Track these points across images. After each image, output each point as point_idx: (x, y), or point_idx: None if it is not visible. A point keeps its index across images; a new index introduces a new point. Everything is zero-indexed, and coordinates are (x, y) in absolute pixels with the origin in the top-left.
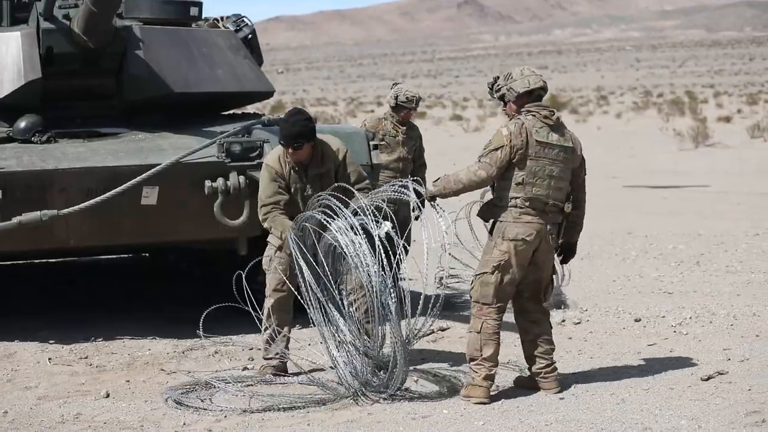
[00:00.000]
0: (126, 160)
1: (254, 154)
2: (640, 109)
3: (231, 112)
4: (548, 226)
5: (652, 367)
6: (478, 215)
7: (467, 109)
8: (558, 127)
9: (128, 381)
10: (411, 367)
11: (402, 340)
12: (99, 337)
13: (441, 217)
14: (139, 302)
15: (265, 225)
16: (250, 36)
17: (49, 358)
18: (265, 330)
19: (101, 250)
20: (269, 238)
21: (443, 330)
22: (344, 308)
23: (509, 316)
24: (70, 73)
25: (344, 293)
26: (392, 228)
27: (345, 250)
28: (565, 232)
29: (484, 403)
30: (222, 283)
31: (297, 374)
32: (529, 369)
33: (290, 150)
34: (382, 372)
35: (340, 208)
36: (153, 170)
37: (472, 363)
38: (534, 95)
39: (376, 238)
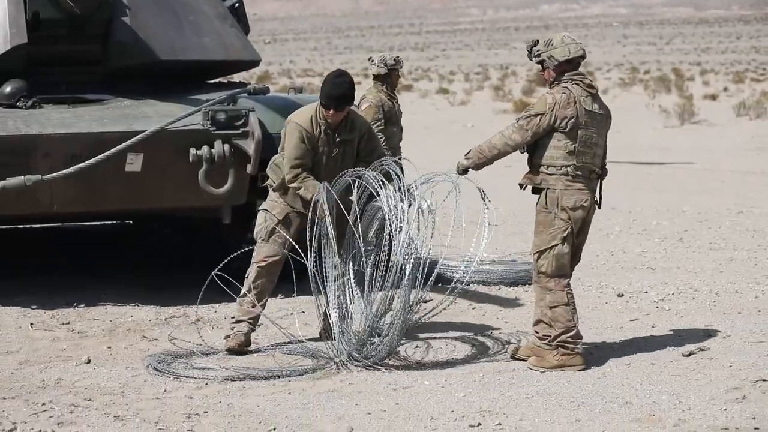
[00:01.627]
0: (111, 126)
1: (239, 122)
2: (627, 85)
3: (217, 80)
4: (594, 192)
5: (634, 342)
6: (520, 184)
7: (453, 83)
8: (597, 96)
9: (110, 347)
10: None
11: (406, 309)
12: (81, 303)
13: (486, 204)
14: (122, 269)
15: (293, 185)
16: (237, 4)
17: (31, 323)
18: (243, 295)
19: (85, 217)
20: (265, 205)
21: (426, 301)
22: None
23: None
24: (56, 38)
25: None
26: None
27: (387, 211)
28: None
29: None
30: (205, 250)
31: (255, 352)
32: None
33: (331, 111)
34: (376, 339)
35: (398, 176)
36: (138, 137)
37: (567, 335)
38: (573, 63)
39: (417, 210)
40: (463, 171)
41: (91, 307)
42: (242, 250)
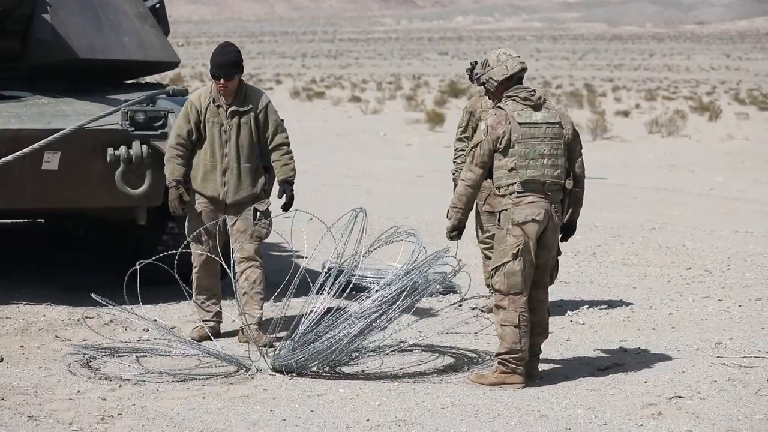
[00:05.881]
0: (29, 123)
1: (158, 123)
2: None
3: (133, 81)
4: (553, 205)
5: (549, 355)
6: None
7: (366, 92)
8: (540, 106)
9: (22, 346)
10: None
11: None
12: None
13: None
14: (34, 268)
15: (165, 157)
16: (158, 5)
17: None
18: (197, 297)
19: None
20: (186, 207)
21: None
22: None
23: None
24: None
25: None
26: None
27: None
28: (566, 210)
29: (523, 386)
30: (119, 250)
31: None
32: None
33: (222, 81)
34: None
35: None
36: (56, 135)
37: (511, 355)
38: (514, 79)
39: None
40: (452, 230)
41: (3, 306)
42: (153, 258)
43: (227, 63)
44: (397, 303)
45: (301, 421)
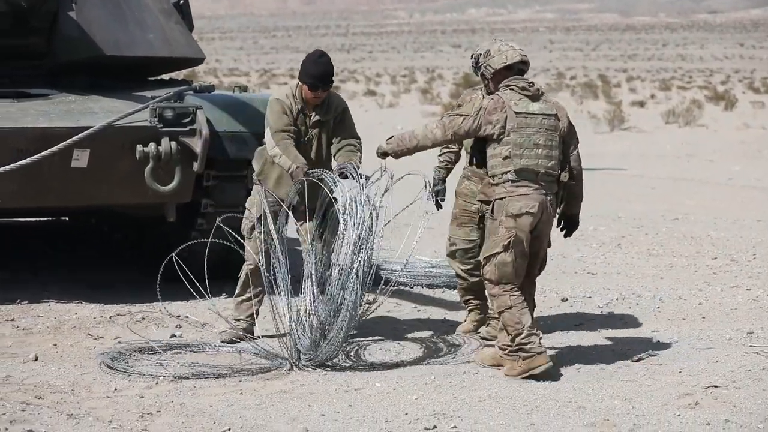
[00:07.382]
0: (57, 121)
1: (187, 120)
2: (553, 90)
3: (156, 78)
4: (548, 196)
5: (582, 346)
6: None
7: (380, 85)
8: (538, 97)
9: (56, 345)
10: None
11: (355, 308)
12: (24, 300)
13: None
14: (61, 266)
15: (274, 151)
16: (181, 1)
17: None
18: (239, 294)
19: (26, 212)
20: (247, 203)
21: (370, 303)
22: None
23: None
24: (1, 32)
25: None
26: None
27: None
28: (566, 204)
29: (550, 366)
30: (145, 248)
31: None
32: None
33: (317, 91)
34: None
35: (357, 173)
36: (85, 133)
37: (520, 337)
38: (514, 70)
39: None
40: (383, 155)
41: (35, 304)
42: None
43: (328, 74)
44: (362, 237)
45: (339, 415)
